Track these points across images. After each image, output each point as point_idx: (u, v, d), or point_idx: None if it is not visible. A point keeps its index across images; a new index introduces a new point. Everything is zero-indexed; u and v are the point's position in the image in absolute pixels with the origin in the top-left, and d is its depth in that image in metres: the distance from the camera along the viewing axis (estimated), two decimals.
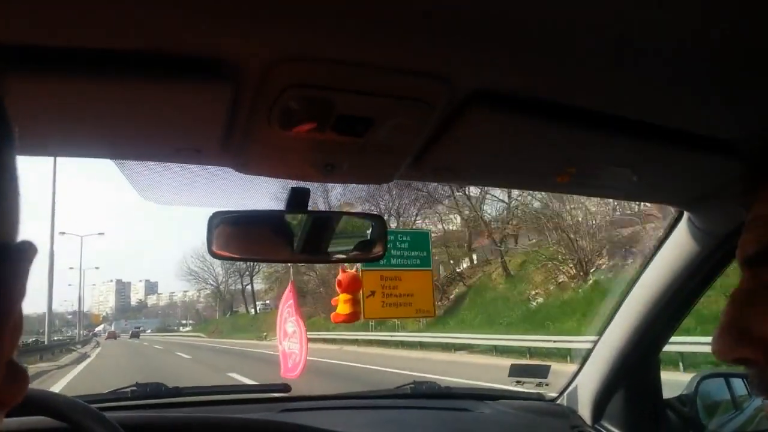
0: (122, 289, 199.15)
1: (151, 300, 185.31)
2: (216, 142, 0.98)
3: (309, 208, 1.24)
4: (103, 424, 1.16)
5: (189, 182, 1.17)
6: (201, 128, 0.96)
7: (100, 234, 70.79)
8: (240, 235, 1.27)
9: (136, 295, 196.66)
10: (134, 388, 1.79)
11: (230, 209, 1.26)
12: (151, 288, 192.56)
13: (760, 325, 0.47)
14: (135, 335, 74.13)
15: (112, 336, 72.02)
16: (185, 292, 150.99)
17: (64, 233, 62.08)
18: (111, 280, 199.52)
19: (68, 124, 0.93)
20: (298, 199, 1.22)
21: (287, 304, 1.61)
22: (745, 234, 0.53)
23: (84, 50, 0.73)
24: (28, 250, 0.39)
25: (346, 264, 1.52)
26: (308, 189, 1.21)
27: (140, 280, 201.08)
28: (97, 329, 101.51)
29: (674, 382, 1.90)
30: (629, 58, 0.84)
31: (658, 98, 0.98)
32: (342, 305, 1.57)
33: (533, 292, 25.21)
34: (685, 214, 1.48)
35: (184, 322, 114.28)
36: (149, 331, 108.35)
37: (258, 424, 1.53)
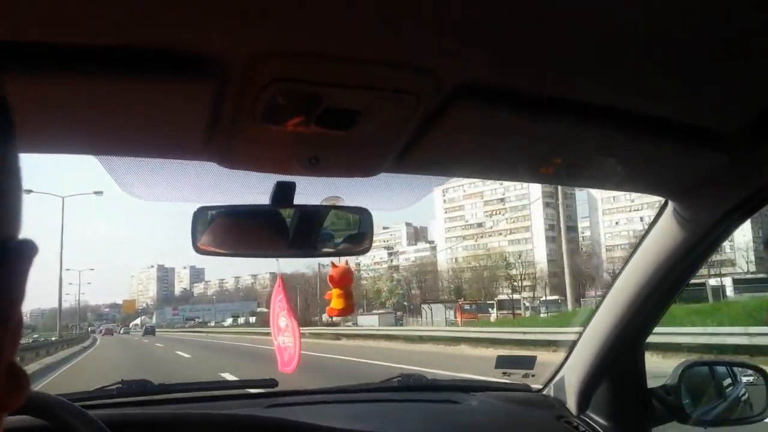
0: (165, 275, 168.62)
1: (198, 288, 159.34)
2: (199, 137, 0.97)
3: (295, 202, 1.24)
4: (88, 422, 1.15)
5: (172, 177, 1.15)
6: (184, 123, 0.94)
7: (90, 270, 67.91)
8: (225, 231, 1.26)
9: (181, 284, 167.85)
10: (119, 385, 1.76)
11: (215, 204, 1.25)
12: (196, 275, 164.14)
13: None
14: (149, 332, 56.47)
15: (109, 332, 61.87)
16: (237, 278, 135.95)
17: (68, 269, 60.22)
18: (152, 266, 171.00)
19: (50, 121, 0.91)
20: (283, 194, 1.21)
21: (278, 299, 1.60)
22: None
23: (65, 46, 0.72)
24: (28, 251, 0.38)
25: (336, 259, 1.52)
26: (293, 183, 1.20)
27: (185, 267, 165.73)
28: (133, 323, 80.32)
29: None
30: (616, 50, 0.84)
31: (645, 89, 0.98)
32: (335, 300, 1.56)
33: None
34: (670, 204, 1.49)
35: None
36: (229, 321, 72.48)
37: (244, 419, 1.52)
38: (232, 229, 1.27)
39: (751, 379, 2.14)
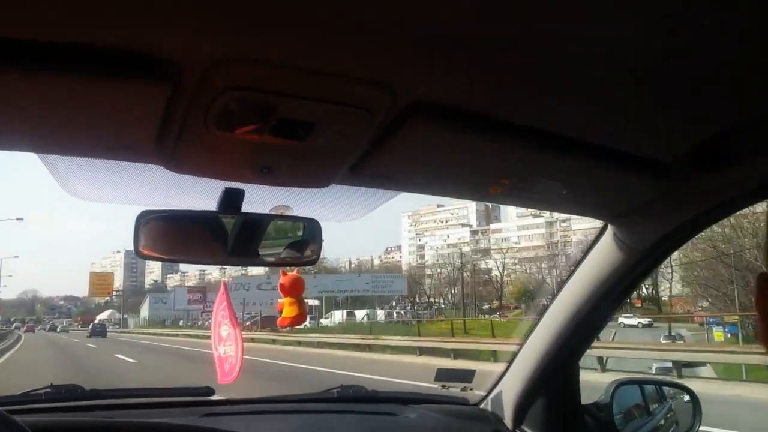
0: (133, 263, 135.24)
1: (173, 280, 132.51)
2: (150, 140, 0.95)
3: (242, 210, 1.22)
4: (13, 428, 1.09)
5: (117, 179, 1.12)
6: (135, 126, 0.92)
7: (18, 219, 51.97)
8: (169, 236, 1.23)
9: (151, 275, 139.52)
10: (48, 389, 1.69)
11: (159, 208, 1.22)
12: (170, 266, 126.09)
13: None
14: (98, 332, 44.74)
15: (30, 329, 55.36)
16: (223, 269, 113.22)
17: None
18: (118, 251, 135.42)
19: None
20: (231, 201, 1.19)
21: (221, 307, 1.57)
22: None
23: (17, 42, 0.69)
24: None
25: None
26: (242, 190, 1.18)
27: None
28: (99, 317, 61.31)
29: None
30: (563, 77, 0.87)
31: (590, 117, 1.02)
32: (287, 308, 1.55)
33: None
34: (609, 227, 1.54)
35: None
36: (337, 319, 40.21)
37: (177, 428, 1.49)
38: (175, 235, 1.24)
39: (680, 398, 2.23)
